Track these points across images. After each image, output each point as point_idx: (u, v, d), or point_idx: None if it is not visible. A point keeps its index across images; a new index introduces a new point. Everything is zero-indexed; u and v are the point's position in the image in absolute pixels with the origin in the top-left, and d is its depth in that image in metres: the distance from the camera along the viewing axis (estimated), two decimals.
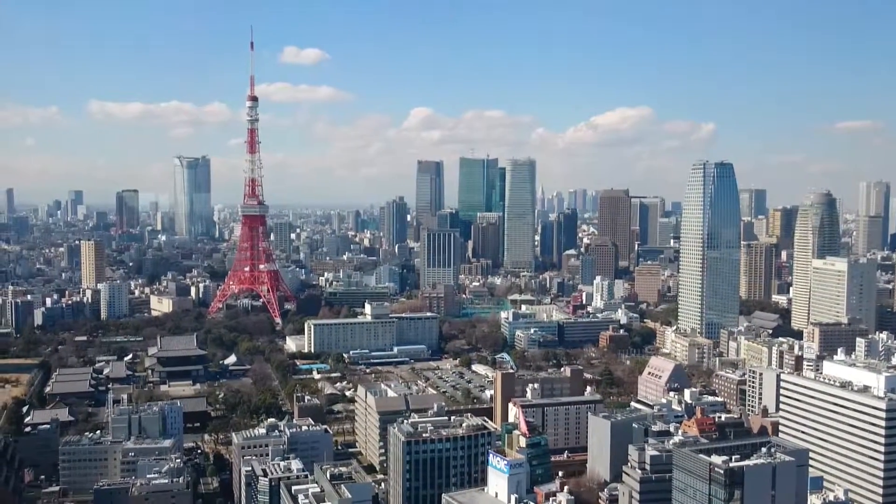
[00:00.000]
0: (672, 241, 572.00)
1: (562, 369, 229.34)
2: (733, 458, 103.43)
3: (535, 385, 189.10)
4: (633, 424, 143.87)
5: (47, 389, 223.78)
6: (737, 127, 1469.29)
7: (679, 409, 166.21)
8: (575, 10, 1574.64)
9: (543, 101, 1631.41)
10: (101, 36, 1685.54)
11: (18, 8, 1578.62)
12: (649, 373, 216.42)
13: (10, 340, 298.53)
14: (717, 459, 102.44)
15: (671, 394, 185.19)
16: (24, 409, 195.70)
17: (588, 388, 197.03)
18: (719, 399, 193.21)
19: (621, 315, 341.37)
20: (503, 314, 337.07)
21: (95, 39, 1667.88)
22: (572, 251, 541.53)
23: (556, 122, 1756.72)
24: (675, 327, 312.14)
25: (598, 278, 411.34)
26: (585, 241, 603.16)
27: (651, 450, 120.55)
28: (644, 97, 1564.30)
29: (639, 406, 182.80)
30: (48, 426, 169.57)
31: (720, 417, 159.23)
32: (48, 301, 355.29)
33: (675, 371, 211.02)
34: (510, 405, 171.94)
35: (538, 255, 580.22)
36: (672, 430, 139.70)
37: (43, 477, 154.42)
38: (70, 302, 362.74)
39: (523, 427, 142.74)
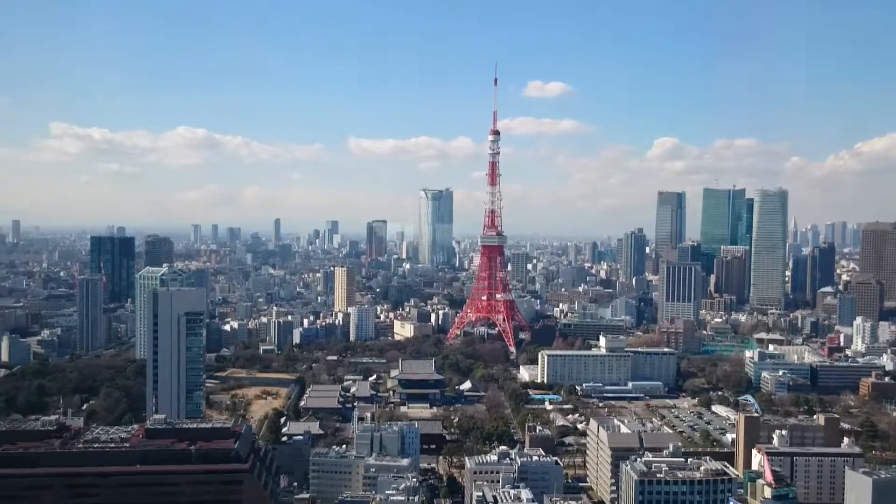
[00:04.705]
0: None
1: (814, 417, 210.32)
2: None
3: (783, 432, 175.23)
4: None
5: (302, 403, 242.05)
6: None
7: None
8: (840, 31, 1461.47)
9: (802, 128, 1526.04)
10: (363, 78, 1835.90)
11: (293, 59, 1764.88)
12: None
13: (273, 356, 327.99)
14: None
15: None
16: (282, 420, 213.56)
17: (845, 440, 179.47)
18: None
19: (887, 360, 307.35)
20: (748, 353, 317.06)
21: (357, 81, 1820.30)
22: (829, 288, 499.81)
23: (814, 150, 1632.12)
24: None
25: (859, 319, 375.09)
26: (844, 277, 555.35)
27: None
28: None
29: None
30: (302, 437, 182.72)
31: None
32: (305, 322, 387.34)
33: None
34: (754, 451, 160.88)
35: (788, 291, 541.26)
36: None
37: (296, 484, 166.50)
38: (324, 323, 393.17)
39: (769, 476, 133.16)
